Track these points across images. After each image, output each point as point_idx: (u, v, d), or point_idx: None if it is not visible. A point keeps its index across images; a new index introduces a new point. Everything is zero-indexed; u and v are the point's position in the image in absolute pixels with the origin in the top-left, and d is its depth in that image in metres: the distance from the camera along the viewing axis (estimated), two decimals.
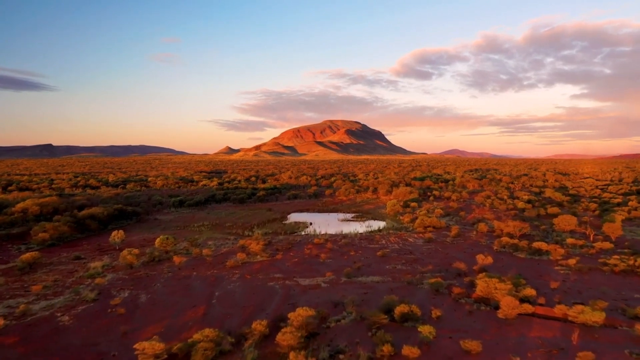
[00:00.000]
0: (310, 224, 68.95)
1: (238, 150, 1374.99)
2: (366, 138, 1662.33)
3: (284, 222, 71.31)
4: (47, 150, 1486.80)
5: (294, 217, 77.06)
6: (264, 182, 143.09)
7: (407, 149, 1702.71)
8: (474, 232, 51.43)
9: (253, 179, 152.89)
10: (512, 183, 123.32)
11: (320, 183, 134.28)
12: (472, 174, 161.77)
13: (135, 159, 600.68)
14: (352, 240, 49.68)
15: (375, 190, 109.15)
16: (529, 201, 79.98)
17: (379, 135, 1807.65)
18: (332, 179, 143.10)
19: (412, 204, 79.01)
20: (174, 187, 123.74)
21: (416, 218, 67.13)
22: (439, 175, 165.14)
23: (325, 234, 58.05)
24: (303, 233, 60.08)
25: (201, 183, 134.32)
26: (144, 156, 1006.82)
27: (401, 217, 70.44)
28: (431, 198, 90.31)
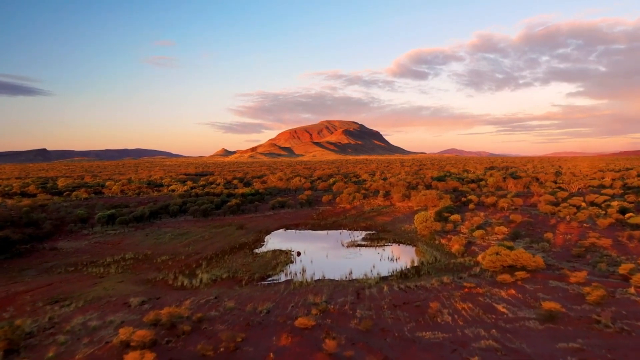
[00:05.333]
0: (298, 254, 42.87)
1: (234, 152, 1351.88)
2: (364, 138, 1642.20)
3: (256, 250, 45.10)
4: (41, 155, 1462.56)
5: (274, 241, 50.82)
6: (247, 185, 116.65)
7: (406, 148, 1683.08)
8: (633, 289, 24.85)
9: (235, 181, 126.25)
10: (560, 182, 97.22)
11: (316, 186, 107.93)
12: (500, 173, 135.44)
13: (125, 163, 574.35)
14: (379, 310, 23.48)
15: (387, 195, 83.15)
16: (622, 210, 54.05)
17: (377, 136, 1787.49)
18: (332, 180, 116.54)
19: (453, 217, 52.76)
20: (131, 195, 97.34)
21: (471, 243, 40.95)
22: (457, 174, 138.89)
23: (322, 280, 31.99)
24: (282, 279, 33.95)
25: (169, 187, 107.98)
26: (137, 160, 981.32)
27: (443, 241, 44.28)
28: (471, 206, 64.09)
